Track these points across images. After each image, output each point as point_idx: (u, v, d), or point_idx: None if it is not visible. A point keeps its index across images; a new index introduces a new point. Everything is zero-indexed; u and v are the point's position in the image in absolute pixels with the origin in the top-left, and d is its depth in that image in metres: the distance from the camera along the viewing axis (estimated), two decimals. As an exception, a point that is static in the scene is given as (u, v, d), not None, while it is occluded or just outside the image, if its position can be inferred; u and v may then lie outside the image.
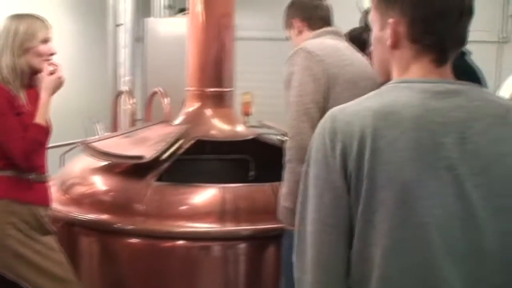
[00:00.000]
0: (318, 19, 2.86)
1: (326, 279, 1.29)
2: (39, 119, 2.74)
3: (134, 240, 3.01)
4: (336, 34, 2.82)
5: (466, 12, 1.29)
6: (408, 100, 1.26)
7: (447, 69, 1.33)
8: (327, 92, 2.56)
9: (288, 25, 2.97)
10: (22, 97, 2.76)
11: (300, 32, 2.87)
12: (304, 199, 1.34)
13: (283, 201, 2.64)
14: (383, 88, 1.33)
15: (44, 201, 2.86)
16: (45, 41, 2.79)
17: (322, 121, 1.32)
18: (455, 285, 1.22)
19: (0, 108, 2.67)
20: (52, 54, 2.82)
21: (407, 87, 1.28)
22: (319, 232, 1.28)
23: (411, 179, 1.21)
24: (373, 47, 1.41)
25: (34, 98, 2.81)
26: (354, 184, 1.23)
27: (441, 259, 1.22)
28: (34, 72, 2.81)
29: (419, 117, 1.23)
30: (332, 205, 1.26)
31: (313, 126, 2.52)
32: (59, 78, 2.81)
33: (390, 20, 1.31)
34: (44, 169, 2.88)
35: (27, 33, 2.73)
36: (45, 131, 2.77)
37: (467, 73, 3.07)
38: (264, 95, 5.70)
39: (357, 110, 1.26)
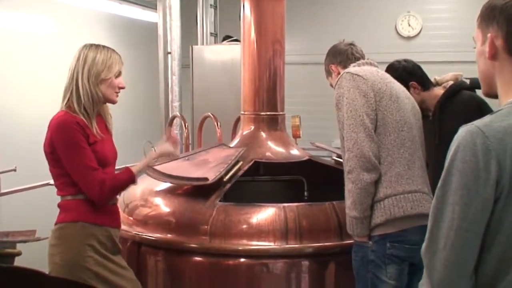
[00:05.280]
0: (353, 59, 3.06)
1: (458, 278, 1.42)
2: (136, 168, 2.91)
3: (199, 259, 3.12)
4: (372, 64, 3.02)
5: None
6: None
7: None
8: (376, 105, 2.74)
9: (328, 72, 3.19)
10: (94, 125, 2.82)
11: (338, 74, 3.01)
12: (441, 205, 1.44)
13: (349, 212, 2.73)
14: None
15: (117, 222, 2.99)
16: (119, 74, 2.91)
17: (467, 134, 1.41)
18: None
19: (76, 140, 2.72)
20: (121, 88, 2.92)
21: None
22: (461, 237, 1.40)
23: None
24: (477, 61, 1.58)
25: (101, 126, 2.90)
26: (505, 195, 1.37)
27: None
28: (104, 102, 2.93)
29: None
30: (478, 214, 1.39)
31: (368, 135, 2.66)
32: (172, 152, 3.12)
33: (489, 35, 1.50)
34: None
35: (105, 65, 2.83)
36: (132, 180, 2.88)
37: None
38: (306, 118, 5.81)
39: (504, 127, 1.39)
